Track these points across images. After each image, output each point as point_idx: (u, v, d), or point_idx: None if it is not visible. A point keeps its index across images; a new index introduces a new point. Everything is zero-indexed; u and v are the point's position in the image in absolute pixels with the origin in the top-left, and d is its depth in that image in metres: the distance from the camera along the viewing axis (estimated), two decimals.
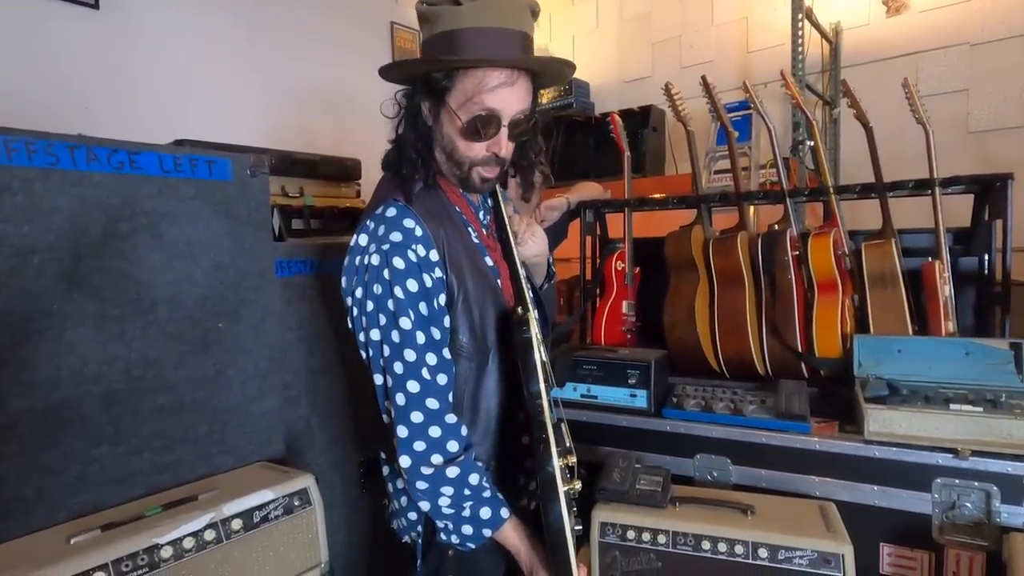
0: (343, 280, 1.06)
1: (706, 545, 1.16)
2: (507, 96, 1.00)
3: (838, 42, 3.38)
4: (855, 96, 1.73)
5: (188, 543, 0.96)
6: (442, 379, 1.02)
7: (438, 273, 1.02)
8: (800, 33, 2.90)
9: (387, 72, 1.05)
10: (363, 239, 1.03)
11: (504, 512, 1.02)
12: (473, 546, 1.02)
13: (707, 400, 1.54)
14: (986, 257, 1.63)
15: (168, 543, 0.94)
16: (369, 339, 1.02)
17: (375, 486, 1.01)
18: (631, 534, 1.21)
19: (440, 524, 1.03)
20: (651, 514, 1.21)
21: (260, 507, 1.06)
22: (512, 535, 1.03)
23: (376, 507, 1.54)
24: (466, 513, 0.99)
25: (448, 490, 0.98)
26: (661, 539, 1.19)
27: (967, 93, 3.05)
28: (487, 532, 1.00)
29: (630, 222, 1.94)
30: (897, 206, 1.68)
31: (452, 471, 0.98)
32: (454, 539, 1.03)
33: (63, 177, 1.01)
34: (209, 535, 0.98)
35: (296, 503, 1.10)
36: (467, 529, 1.00)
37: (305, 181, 2.29)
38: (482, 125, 1.01)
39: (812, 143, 2.97)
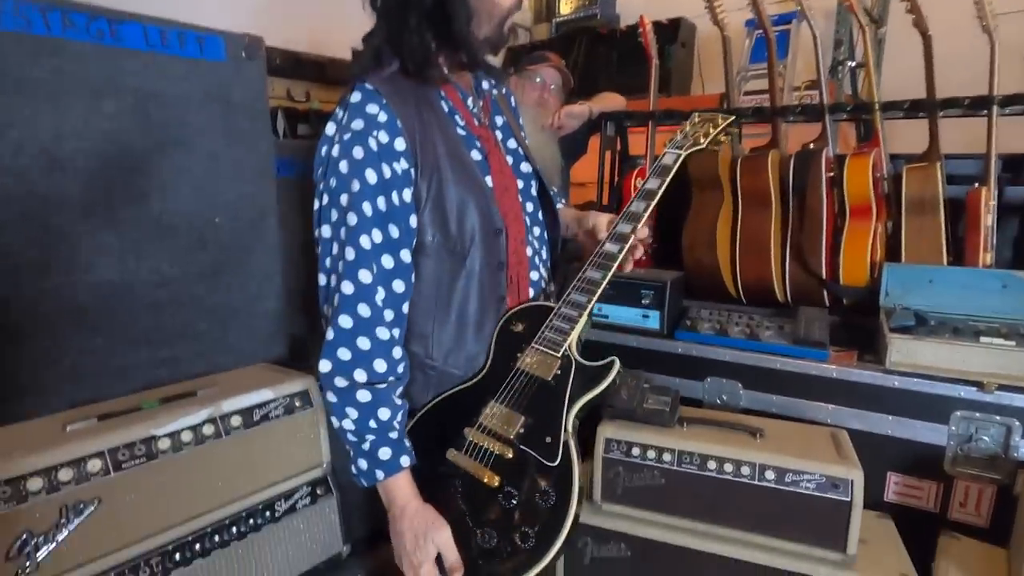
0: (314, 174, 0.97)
1: (712, 465, 1.14)
2: None
3: None
4: None
5: (186, 436, 0.94)
6: (398, 286, 0.93)
7: (403, 164, 0.93)
8: None
9: None
10: (330, 128, 0.94)
11: (404, 460, 0.93)
12: (365, 484, 0.94)
13: (722, 324, 1.49)
14: None
15: (166, 435, 0.92)
16: (321, 235, 0.94)
17: None
18: (636, 451, 1.19)
19: (347, 448, 0.96)
20: (658, 432, 1.19)
21: (260, 405, 1.03)
22: (406, 487, 0.93)
23: None
24: (366, 446, 0.92)
25: (353, 413, 0.91)
26: (666, 457, 1.17)
27: None
28: (380, 475, 0.91)
29: (653, 135, 1.82)
30: (943, 134, 1.54)
31: (364, 395, 0.90)
32: (352, 469, 0.96)
33: (37, 45, 0.91)
34: (208, 430, 0.96)
35: (297, 404, 1.08)
36: (363, 463, 0.93)
37: (312, 85, 2.17)
38: None
39: (854, 63, 2.78)
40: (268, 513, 1.03)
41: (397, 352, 0.94)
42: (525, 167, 1.12)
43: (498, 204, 1.01)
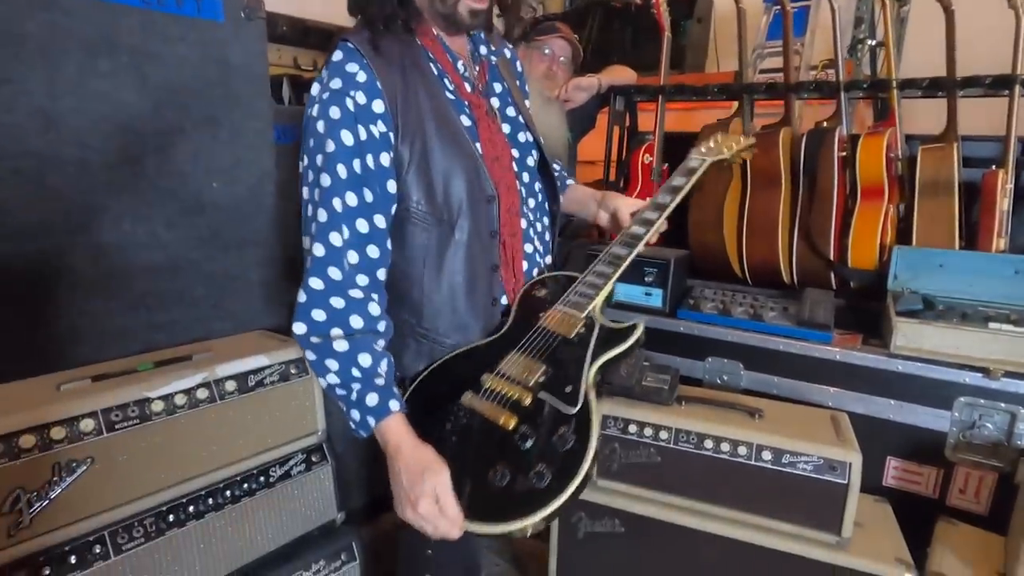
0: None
1: (709, 444, 1.14)
2: None
3: None
4: None
5: (180, 400, 0.94)
6: (372, 251, 0.91)
7: (381, 127, 0.90)
8: None
9: None
10: (314, 88, 0.92)
11: (394, 404, 0.90)
12: (364, 435, 0.92)
13: (725, 304, 1.47)
14: None
15: (159, 398, 0.92)
16: (301, 197, 0.93)
17: None
18: (633, 428, 1.19)
19: (339, 406, 0.94)
20: (655, 410, 1.18)
21: (255, 371, 1.03)
22: (399, 429, 0.89)
23: None
24: (353, 396, 0.89)
25: (334, 364, 0.88)
26: (663, 435, 1.16)
27: None
28: (372, 421, 0.89)
29: (663, 109, 1.78)
30: (963, 115, 1.49)
31: (341, 344, 0.88)
32: (350, 424, 0.93)
33: None
34: (202, 394, 0.96)
35: (293, 371, 1.08)
36: (355, 414, 0.90)
37: (320, 54, 2.14)
38: None
39: (874, 42, 2.70)
40: (262, 478, 1.04)
41: (375, 309, 0.91)
42: (523, 136, 1.09)
43: (488, 172, 0.99)
